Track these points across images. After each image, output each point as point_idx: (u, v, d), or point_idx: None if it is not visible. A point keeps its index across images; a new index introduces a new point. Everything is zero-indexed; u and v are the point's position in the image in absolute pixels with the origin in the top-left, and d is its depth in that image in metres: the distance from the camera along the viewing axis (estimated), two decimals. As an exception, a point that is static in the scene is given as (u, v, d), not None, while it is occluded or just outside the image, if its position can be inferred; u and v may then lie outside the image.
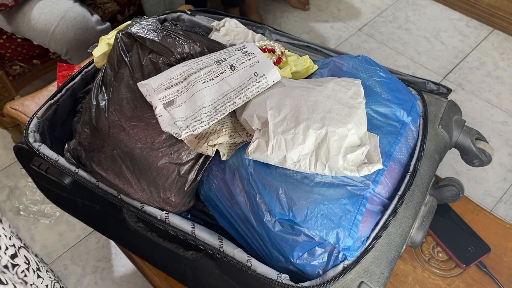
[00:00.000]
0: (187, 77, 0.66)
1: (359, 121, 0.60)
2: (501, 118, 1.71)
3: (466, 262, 0.78)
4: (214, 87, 0.64)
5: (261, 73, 0.64)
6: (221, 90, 0.64)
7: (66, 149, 0.73)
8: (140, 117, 0.67)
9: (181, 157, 0.64)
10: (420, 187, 0.66)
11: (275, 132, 0.59)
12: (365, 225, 0.59)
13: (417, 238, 0.65)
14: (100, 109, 0.69)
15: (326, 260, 0.58)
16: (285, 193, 0.58)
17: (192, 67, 0.67)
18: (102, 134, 0.68)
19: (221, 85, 0.64)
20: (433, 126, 0.72)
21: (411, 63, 1.90)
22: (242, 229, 0.62)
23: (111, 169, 0.67)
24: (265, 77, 0.63)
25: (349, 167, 0.58)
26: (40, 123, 0.74)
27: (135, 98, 0.68)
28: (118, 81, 0.70)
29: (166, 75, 0.67)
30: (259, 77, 0.64)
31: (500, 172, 1.56)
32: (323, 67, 0.73)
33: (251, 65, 0.65)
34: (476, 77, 1.84)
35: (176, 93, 0.65)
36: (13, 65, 1.49)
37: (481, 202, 1.49)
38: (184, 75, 0.66)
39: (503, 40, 1.98)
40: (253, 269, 0.58)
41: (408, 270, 0.78)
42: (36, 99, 1.01)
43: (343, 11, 2.12)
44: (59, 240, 1.42)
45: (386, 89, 0.69)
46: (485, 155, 0.74)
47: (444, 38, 1.99)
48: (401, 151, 0.66)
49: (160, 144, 0.65)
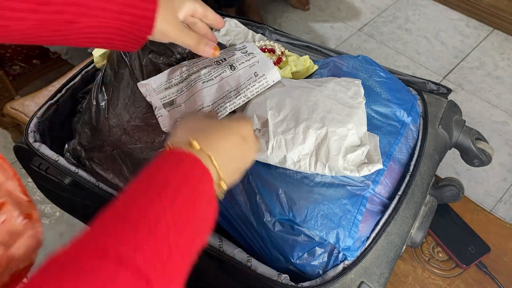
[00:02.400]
0: (187, 77, 0.66)
1: (359, 121, 0.60)
2: (501, 118, 1.71)
3: (466, 262, 0.78)
4: (214, 87, 0.64)
5: (261, 73, 0.64)
6: (221, 90, 0.63)
7: (66, 149, 0.73)
8: (140, 117, 0.67)
9: (181, 157, 0.64)
10: (420, 187, 0.66)
11: (275, 132, 0.59)
12: (365, 225, 0.59)
13: (417, 238, 0.65)
14: (100, 109, 0.69)
15: (326, 260, 0.58)
16: (285, 193, 0.58)
17: (192, 67, 0.66)
18: (102, 134, 0.68)
19: (221, 85, 0.64)
20: (433, 126, 0.72)
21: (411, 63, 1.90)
22: (242, 229, 0.62)
23: (111, 169, 0.67)
24: (265, 77, 0.63)
25: (349, 167, 0.58)
26: (40, 123, 0.74)
27: (135, 98, 0.68)
28: (118, 81, 0.70)
29: (166, 75, 0.67)
30: (259, 77, 0.63)
31: (500, 172, 1.56)
32: (323, 67, 0.73)
33: (251, 65, 0.65)
34: (476, 77, 1.84)
35: (176, 93, 0.65)
36: (13, 65, 1.48)
37: (481, 202, 1.48)
38: (184, 75, 0.66)
39: (503, 40, 1.98)
40: (253, 269, 0.58)
41: (408, 270, 0.78)
42: (36, 99, 1.01)
43: (343, 11, 2.12)
44: (59, 240, 1.42)
45: (386, 89, 0.69)
46: (485, 155, 0.74)
47: (444, 38, 1.99)
48: (401, 151, 0.66)
49: (160, 144, 0.65)
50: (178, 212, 0.35)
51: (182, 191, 0.37)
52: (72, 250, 0.31)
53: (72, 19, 0.49)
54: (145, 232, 0.33)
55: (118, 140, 0.67)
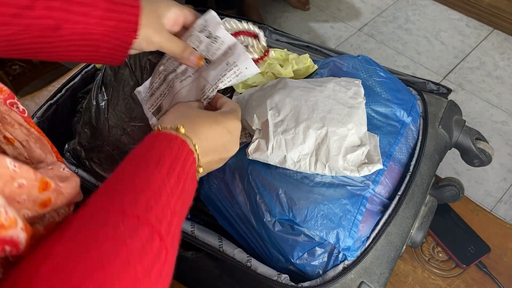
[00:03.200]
0: (165, 78, 0.64)
1: (359, 121, 0.60)
2: (501, 118, 1.71)
3: (466, 262, 0.78)
4: (193, 85, 0.61)
5: (232, 60, 0.60)
6: (198, 88, 0.61)
7: (66, 149, 0.73)
8: (140, 117, 0.67)
9: (181, 157, 0.64)
10: (420, 187, 0.66)
11: (275, 132, 0.59)
12: (365, 225, 0.59)
13: (417, 238, 0.65)
14: (100, 109, 0.69)
15: (326, 260, 0.58)
16: (285, 193, 0.58)
17: (168, 66, 0.64)
18: (102, 134, 0.68)
19: (199, 81, 0.61)
20: (433, 126, 0.71)
21: (411, 63, 1.90)
22: (242, 229, 0.62)
23: (111, 169, 0.66)
24: (237, 65, 0.59)
25: (349, 167, 0.58)
26: (40, 123, 0.74)
27: (135, 98, 0.68)
28: (118, 81, 0.70)
29: (150, 78, 0.66)
30: (230, 65, 0.59)
31: (500, 172, 1.56)
32: (323, 67, 0.73)
33: (224, 54, 0.61)
34: (476, 77, 1.84)
35: (160, 97, 0.63)
36: (13, 65, 1.49)
37: (481, 202, 1.49)
38: (162, 76, 0.64)
39: (503, 40, 1.98)
40: (253, 269, 0.58)
41: (408, 270, 0.78)
42: (36, 99, 1.01)
43: (343, 11, 2.12)
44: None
45: (386, 89, 0.69)
46: (485, 155, 0.74)
47: (444, 38, 1.99)
48: (401, 151, 0.66)
49: (160, 144, 0.64)
50: (173, 184, 0.42)
51: (175, 168, 0.43)
52: (94, 211, 0.37)
53: (56, 24, 0.50)
54: (152, 198, 0.39)
55: (118, 140, 0.66)
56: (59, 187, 0.38)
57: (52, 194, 0.37)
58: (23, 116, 0.44)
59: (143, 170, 0.41)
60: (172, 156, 0.44)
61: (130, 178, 0.41)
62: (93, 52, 0.54)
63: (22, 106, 0.44)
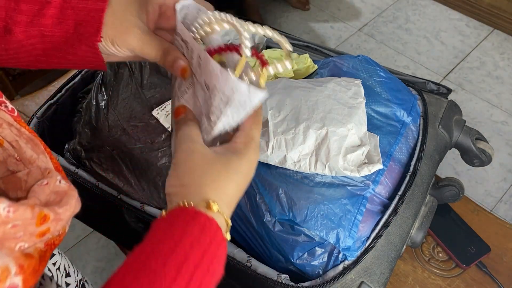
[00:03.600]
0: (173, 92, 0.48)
1: (359, 121, 0.60)
2: (501, 118, 1.71)
3: (466, 262, 0.78)
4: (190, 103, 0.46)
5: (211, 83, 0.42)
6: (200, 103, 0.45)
7: (66, 149, 0.73)
8: (140, 117, 0.67)
9: (181, 157, 0.64)
10: (420, 187, 0.66)
11: (275, 132, 0.59)
12: (365, 225, 0.59)
13: (417, 238, 0.65)
14: (100, 109, 0.69)
15: (326, 260, 0.58)
16: (285, 193, 0.58)
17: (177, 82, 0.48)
18: (102, 134, 0.68)
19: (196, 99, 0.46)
20: (433, 126, 0.71)
21: (411, 63, 1.90)
22: (242, 229, 0.62)
23: (111, 169, 0.67)
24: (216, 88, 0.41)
25: (349, 167, 0.58)
26: (40, 123, 0.74)
27: (134, 98, 0.68)
28: (118, 81, 0.70)
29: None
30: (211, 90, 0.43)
31: (500, 172, 1.56)
32: (323, 67, 0.73)
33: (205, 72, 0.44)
34: (476, 77, 1.84)
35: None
36: (13, 65, 1.48)
37: (481, 202, 1.48)
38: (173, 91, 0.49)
39: (503, 40, 1.98)
40: (253, 269, 0.58)
41: (408, 270, 0.78)
42: (36, 99, 1.01)
43: (343, 11, 2.12)
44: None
45: (386, 89, 0.69)
46: (485, 155, 0.74)
47: (444, 38, 1.99)
48: (401, 151, 0.66)
49: (160, 144, 0.65)
50: (198, 282, 0.36)
51: (202, 263, 0.37)
52: None
53: (5, 26, 0.41)
54: None
55: (118, 140, 0.67)
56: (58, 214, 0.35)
57: (51, 224, 0.34)
58: (12, 115, 0.39)
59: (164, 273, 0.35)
60: (200, 252, 0.37)
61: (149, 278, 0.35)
62: (63, 59, 0.44)
63: (11, 105, 0.39)
